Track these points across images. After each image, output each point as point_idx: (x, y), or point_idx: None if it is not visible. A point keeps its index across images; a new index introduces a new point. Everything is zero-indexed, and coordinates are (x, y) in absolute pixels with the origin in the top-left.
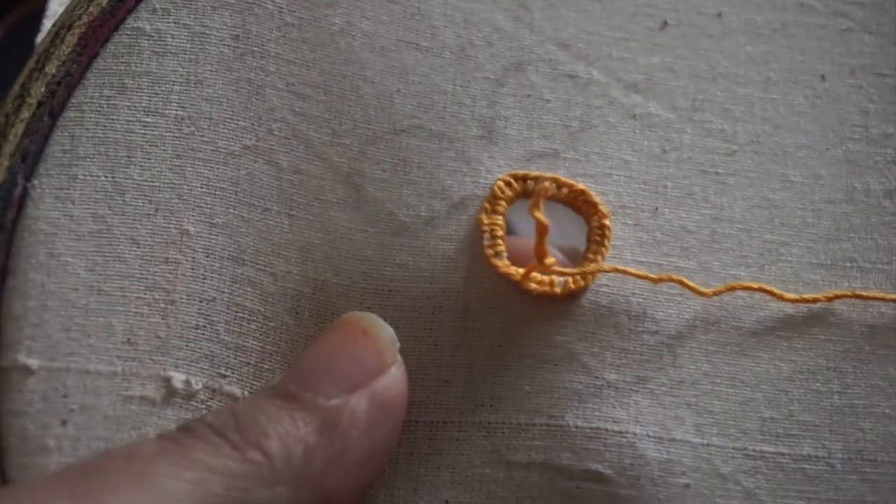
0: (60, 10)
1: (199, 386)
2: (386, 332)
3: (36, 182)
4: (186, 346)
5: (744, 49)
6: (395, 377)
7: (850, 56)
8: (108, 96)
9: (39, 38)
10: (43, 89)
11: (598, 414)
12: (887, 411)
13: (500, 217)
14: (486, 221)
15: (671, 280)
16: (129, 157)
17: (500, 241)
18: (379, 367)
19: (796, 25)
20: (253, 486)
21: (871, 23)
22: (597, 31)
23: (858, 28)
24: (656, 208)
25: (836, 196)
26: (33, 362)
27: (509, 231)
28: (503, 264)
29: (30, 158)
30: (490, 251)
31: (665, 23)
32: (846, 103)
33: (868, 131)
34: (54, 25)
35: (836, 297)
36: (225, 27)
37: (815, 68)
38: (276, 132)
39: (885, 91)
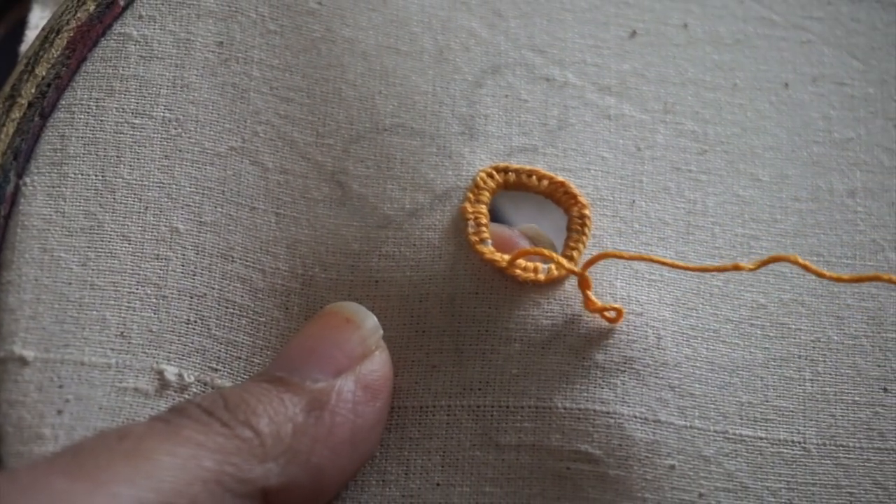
0: (42, 22)
1: (192, 379)
2: (369, 319)
3: (28, 180)
4: (178, 340)
5: (710, 57)
6: (379, 361)
7: (811, 66)
8: (97, 98)
9: (23, 47)
10: (33, 91)
11: (585, 395)
12: (856, 398)
13: (483, 206)
14: (470, 210)
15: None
16: (118, 156)
17: (484, 229)
18: (363, 351)
19: (758, 37)
20: (243, 461)
21: (829, 36)
22: (569, 39)
23: (817, 40)
24: (633, 201)
25: (802, 194)
26: (29, 353)
27: (498, 221)
28: (488, 251)
29: (21, 156)
30: (475, 238)
31: (634, 32)
32: (809, 109)
33: (831, 135)
34: (43, 29)
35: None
36: (209, 34)
37: (779, 77)
38: (261, 134)
39: (845, 99)
